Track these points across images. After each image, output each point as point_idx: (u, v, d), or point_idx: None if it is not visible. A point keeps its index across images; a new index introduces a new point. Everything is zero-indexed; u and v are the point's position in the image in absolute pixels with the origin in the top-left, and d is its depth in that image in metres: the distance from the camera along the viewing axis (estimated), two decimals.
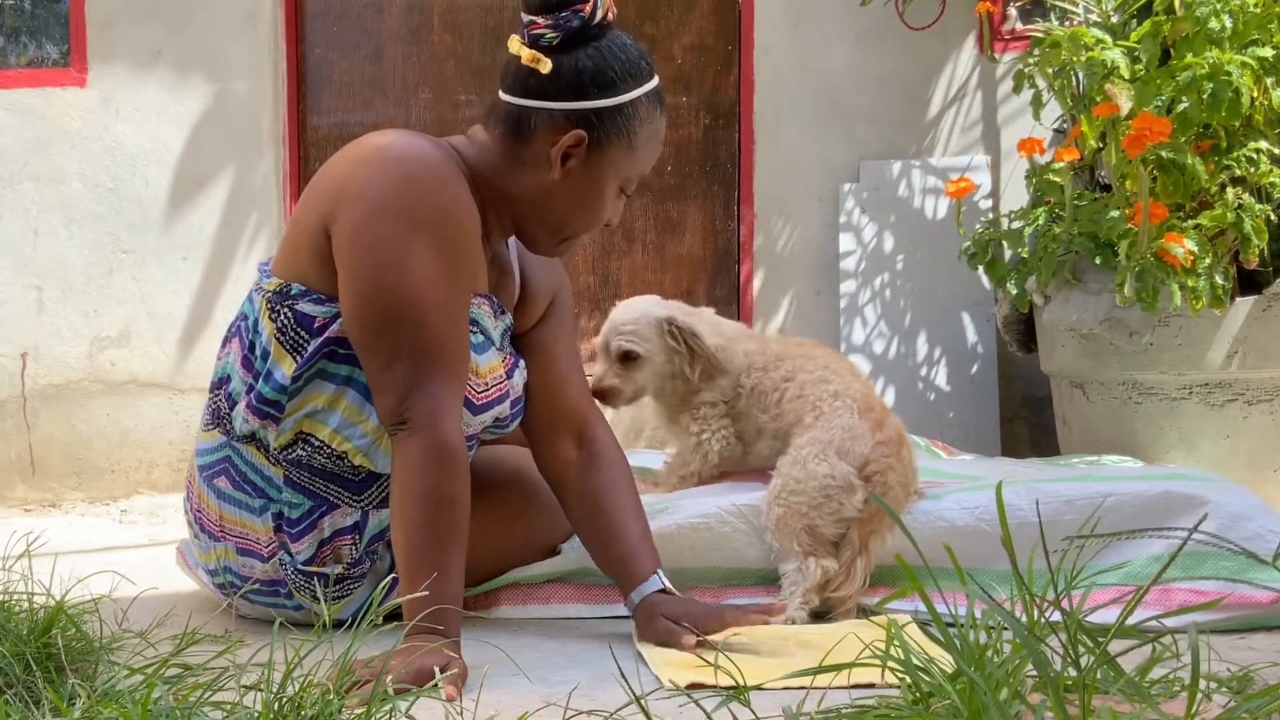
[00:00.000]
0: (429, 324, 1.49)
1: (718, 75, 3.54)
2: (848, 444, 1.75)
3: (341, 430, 1.60)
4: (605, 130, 1.58)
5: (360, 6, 3.61)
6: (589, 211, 1.63)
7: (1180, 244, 2.30)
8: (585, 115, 1.57)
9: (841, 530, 1.73)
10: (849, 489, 1.71)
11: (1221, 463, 2.41)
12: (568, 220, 1.64)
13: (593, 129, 1.57)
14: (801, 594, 1.68)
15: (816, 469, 1.72)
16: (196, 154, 3.51)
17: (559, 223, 1.65)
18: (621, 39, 1.60)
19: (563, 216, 1.64)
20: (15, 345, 3.54)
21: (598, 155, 1.59)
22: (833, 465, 1.72)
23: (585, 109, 1.56)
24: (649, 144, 1.63)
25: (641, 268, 3.58)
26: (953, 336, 3.23)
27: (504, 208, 1.64)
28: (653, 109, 1.61)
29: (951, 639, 0.91)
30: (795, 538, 1.71)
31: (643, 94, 1.59)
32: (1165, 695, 0.94)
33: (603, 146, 1.58)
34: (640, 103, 1.59)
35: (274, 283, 1.61)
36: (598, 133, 1.57)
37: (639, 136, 1.60)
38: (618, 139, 1.59)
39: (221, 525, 1.69)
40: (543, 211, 1.63)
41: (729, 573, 1.81)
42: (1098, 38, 2.52)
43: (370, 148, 1.55)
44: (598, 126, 1.57)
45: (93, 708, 1.03)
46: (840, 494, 1.71)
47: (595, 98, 1.56)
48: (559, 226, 1.65)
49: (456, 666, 1.35)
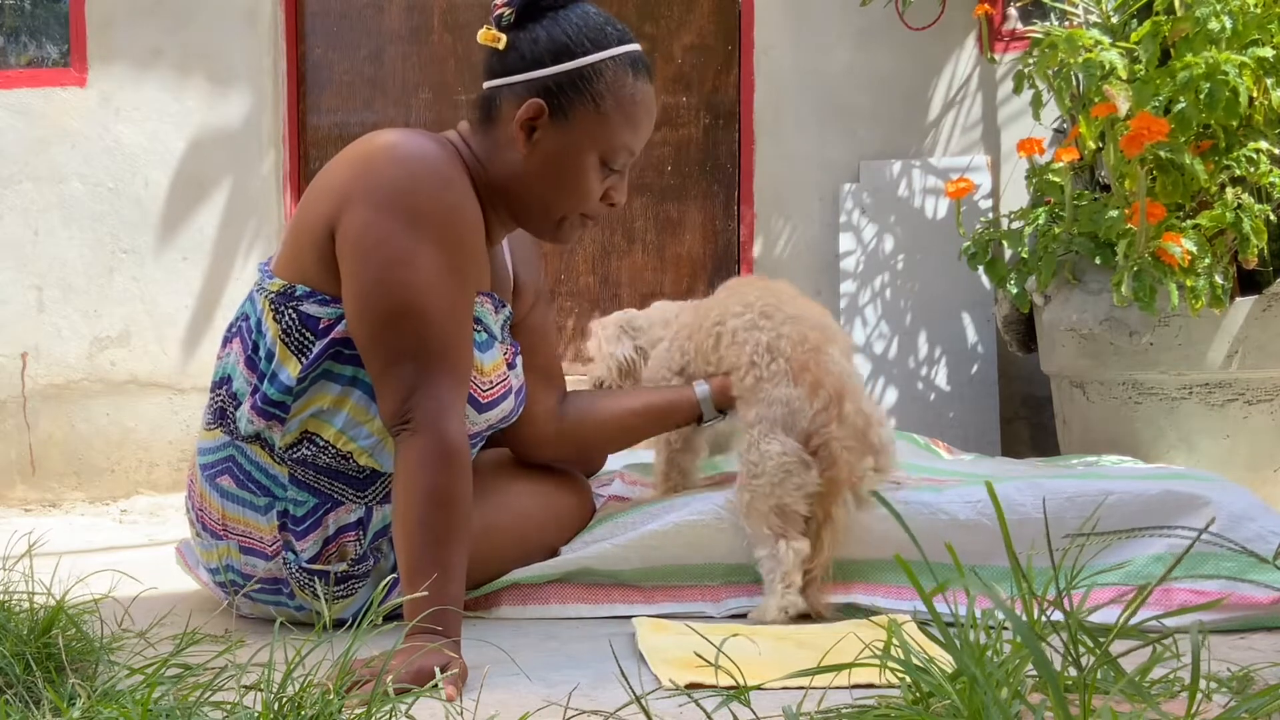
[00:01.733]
0: (433, 324, 1.49)
1: (718, 75, 3.54)
2: (789, 419, 1.72)
3: (347, 430, 1.60)
4: (567, 97, 1.56)
5: (360, 6, 3.62)
6: (568, 188, 1.61)
7: (1178, 243, 2.30)
8: (543, 84, 1.56)
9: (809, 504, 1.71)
10: (805, 464, 1.70)
11: (1221, 463, 2.41)
12: (551, 200, 1.62)
13: (551, 97, 1.56)
14: (781, 579, 1.67)
15: (769, 448, 1.70)
16: (196, 154, 3.51)
17: (544, 203, 1.63)
18: (585, 8, 1.58)
19: (544, 196, 1.62)
20: (15, 345, 3.54)
21: (564, 125, 1.57)
22: (783, 442, 1.70)
23: (541, 77, 1.56)
24: (622, 110, 1.58)
25: (641, 267, 3.58)
26: (953, 336, 3.23)
27: (499, 200, 1.65)
28: (622, 74, 1.57)
29: (951, 638, 0.91)
30: (766, 520, 1.70)
31: (606, 58, 1.56)
32: (1165, 695, 0.94)
33: (567, 115, 1.57)
34: (605, 67, 1.56)
35: (277, 284, 1.61)
36: (558, 100, 1.56)
37: (606, 102, 1.57)
38: (581, 105, 1.56)
39: (224, 524, 1.69)
40: (524, 193, 1.62)
41: (730, 569, 1.80)
42: (1095, 39, 2.52)
43: (374, 147, 1.54)
44: (557, 94, 1.56)
45: (93, 708, 1.03)
46: (798, 469, 1.69)
47: (551, 64, 1.55)
48: (546, 207, 1.63)
49: (457, 666, 1.34)
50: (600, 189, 1.63)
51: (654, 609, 1.77)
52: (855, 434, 1.72)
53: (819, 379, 1.72)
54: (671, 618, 1.74)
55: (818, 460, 1.70)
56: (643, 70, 1.60)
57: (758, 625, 1.64)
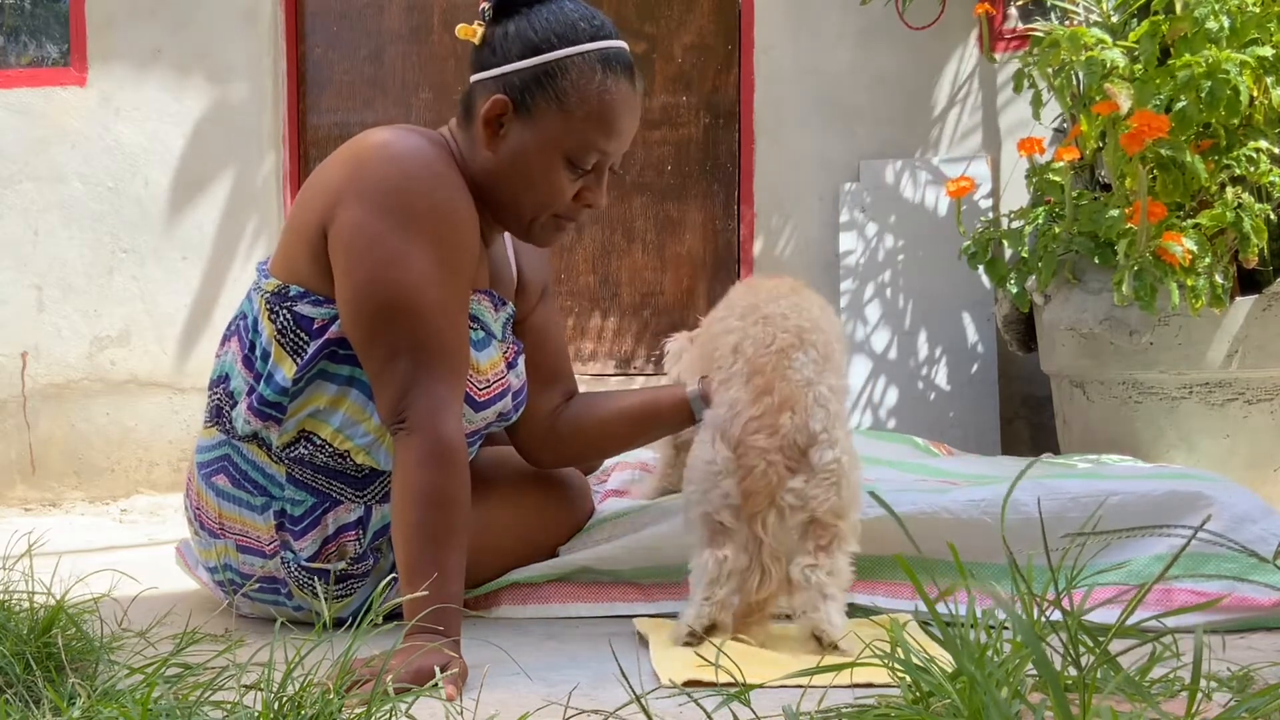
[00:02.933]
0: (427, 322, 1.48)
1: (718, 75, 3.54)
2: (728, 424, 1.58)
3: (344, 429, 1.60)
4: (530, 93, 1.53)
5: (360, 6, 3.62)
6: (533, 187, 1.57)
7: (1178, 243, 2.30)
8: (508, 79, 1.54)
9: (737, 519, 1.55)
10: (726, 472, 1.55)
11: (1221, 462, 2.41)
12: (517, 198, 1.59)
13: (515, 92, 1.54)
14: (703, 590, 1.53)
15: (701, 454, 1.60)
16: (196, 154, 3.51)
17: (513, 202, 1.60)
18: (563, 4, 1.55)
19: (513, 194, 1.59)
20: (15, 345, 3.54)
21: (527, 122, 1.54)
22: (715, 449, 1.57)
23: (507, 73, 1.54)
24: (588, 108, 1.53)
25: (642, 267, 3.58)
26: (953, 336, 3.23)
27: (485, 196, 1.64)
28: (590, 70, 1.53)
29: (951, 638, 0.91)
30: (695, 528, 1.59)
31: (574, 54, 1.52)
32: (1165, 694, 0.94)
33: (531, 112, 1.54)
34: (570, 64, 1.52)
35: (272, 284, 1.61)
36: (520, 95, 1.54)
37: (571, 99, 1.52)
38: (544, 103, 1.53)
39: (221, 523, 1.69)
40: (496, 191, 1.60)
41: None
42: (1097, 37, 2.52)
43: (366, 146, 1.53)
44: (521, 90, 1.53)
45: (93, 707, 1.03)
46: (719, 478, 1.56)
47: (516, 59, 1.53)
48: (516, 206, 1.60)
49: (456, 666, 1.34)
50: (570, 189, 1.58)
51: (654, 607, 1.77)
52: (786, 448, 1.54)
53: (769, 384, 1.58)
54: (671, 616, 1.74)
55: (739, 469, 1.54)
56: (618, 68, 1.55)
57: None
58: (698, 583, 1.54)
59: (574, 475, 1.91)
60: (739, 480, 1.54)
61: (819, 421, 1.56)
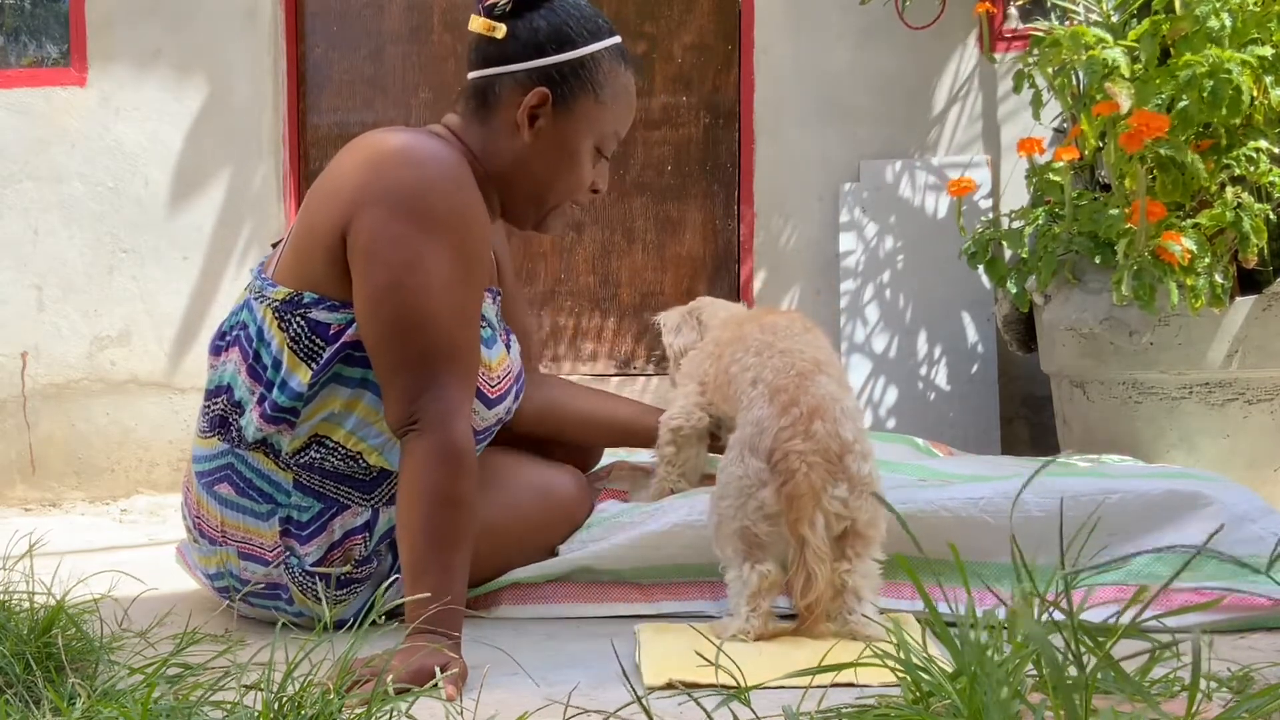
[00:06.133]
0: (443, 327, 1.49)
1: (718, 75, 3.54)
2: (757, 439, 1.63)
3: (357, 431, 1.60)
4: (569, 85, 1.61)
5: (360, 6, 3.62)
6: (567, 174, 1.66)
7: (1178, 242, 2.30)
8: (547, 72, 1.61)
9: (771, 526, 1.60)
10: (760, 483, 1.59)
11: (1221, 462, 2.41)
12: (548, 186, 1.67)
13: (555, 85, 1.61)
14: (746, 602, 1.58)
15: (733, 471, 1.64)
16: (196, 153, 3.51)
17: (539, 190, 1.67)
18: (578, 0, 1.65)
19: (542, 183, 1.66)
20: (15, 345, 3.54)
21: (565, 112, 1.62)
22: (746, 464, 1.62)
23: (546, 65, 1.60)
24: (617, 100, 1.65)
25: (641, 267, 3.58)
26: (953, 336, 3.23)
27: (491, 190, 1.66)
28: (616, 65, 1.64)
29: (952, 638, 0.91)
30: (730, 543, 1.63)
31: (603, 49, 1.63)
32: (1165, 694, 0.94)
33: (569, 103, 1.62)
34: (602, 57, 1.63)
35: (282, 292, 1.60)
36: (561, 89, 1.61)
37: (605, 91, 1.63)
38: (583, 94, 1.62)
39: (223, 531, 1.68)
40: (522, 181, 1.66)
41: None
42: (1098, 37, 2.52)
43: (385, 150, 1.54)
44: (560, 83, 1.61)
45: (93, 707, 1.03)
46: (755, 490, 1.60)
47: (554, 53, 1.60)
48: (540, 195, 1.67)
49: (457, 666, 1.34)
50: (590, 176, 1.68)
51: (653, 607, 1.77)
52: (823, 452, 1.57)
53: (794, 398, 1.62)
54: (671, 616, 1.74)
55: (775, 475, 1.57)
56: (628, 61, 1.68)
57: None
58: (739, 594, 1.59)
59: (574, 475, 1.91)
60: (778, 486, 1.57)
61: (849, 431, 1.60)
